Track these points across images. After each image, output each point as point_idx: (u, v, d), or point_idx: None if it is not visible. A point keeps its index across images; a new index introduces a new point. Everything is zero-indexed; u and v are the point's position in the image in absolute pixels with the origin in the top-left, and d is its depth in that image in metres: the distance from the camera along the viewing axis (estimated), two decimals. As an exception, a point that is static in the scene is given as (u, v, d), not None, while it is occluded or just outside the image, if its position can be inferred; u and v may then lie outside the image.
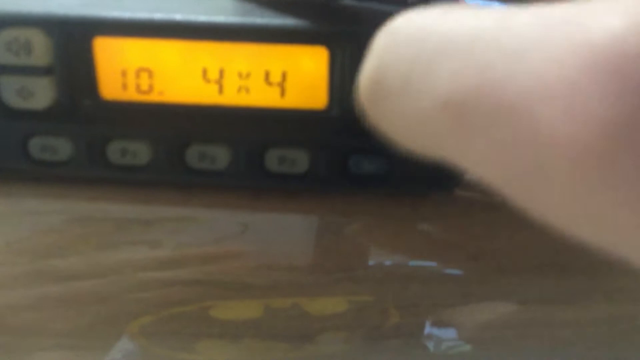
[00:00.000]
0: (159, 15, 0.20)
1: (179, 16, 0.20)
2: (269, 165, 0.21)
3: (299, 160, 0.21)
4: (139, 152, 0.21)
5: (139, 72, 0.20)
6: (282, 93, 0.20)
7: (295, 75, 0.20)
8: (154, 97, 0.21)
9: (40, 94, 0.20)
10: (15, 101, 0.20)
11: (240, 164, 0.21)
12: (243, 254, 0.22)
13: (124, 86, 0.20)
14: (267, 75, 0.20)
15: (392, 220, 0.22)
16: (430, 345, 0.23)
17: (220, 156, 0.21)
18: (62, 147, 0.21)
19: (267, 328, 0.22)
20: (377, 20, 0.12)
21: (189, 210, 0.23)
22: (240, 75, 0.20)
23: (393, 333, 0.23)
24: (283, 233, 0.23)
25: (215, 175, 0.21)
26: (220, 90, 0.20)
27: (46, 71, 0.20)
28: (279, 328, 0.22)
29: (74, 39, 0.20)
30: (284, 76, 0.20)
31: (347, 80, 0.20)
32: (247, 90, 0.20)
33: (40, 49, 0.20)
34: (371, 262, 0.22)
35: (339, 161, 0.21)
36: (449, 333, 0.23)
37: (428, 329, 0.23)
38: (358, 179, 0.21)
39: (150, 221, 0.23)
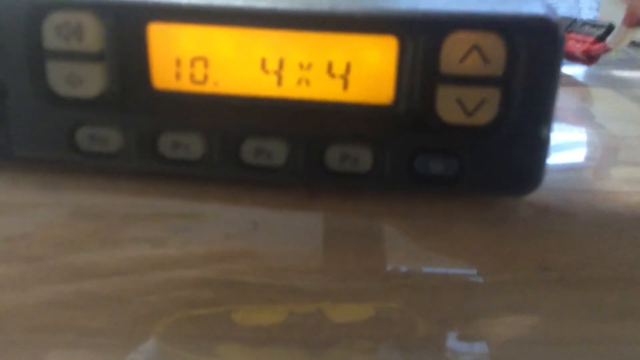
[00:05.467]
0: (217, 1, 0.18)
1: (239, 2, 0.18)
2: (330, 162, 0.20)
3: (362, 159, 0.20)
4: (192, 145, 0.20)
5: (194, 61, 0.19)
6: (345, 86, 0.19)
7: (360, 67, 0.19)
8: (209, 88, 0.19)
9: (90, 82, 0.19)
10: (64, 88, 0.20)
11: (299, 161, 0.20)
12: (280, 254, 0.21)
13: (178, 75, 0.19)
14: (329, 66, 0.19)
15: (456, 224, 0.21)
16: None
17: (277, 152, 0.20)
18: (111, 138, 0.20)
19: (290, 333, 0.21)
20: None
21: (227, 207, 0.22)
22: (301, 66, 0.19)
23: (435, 345, 0.21)
24: (335, 235, 0.21)
25: (271, 171, 0.20)
26: (279, 82, 0.19)
27: (97, 57, 0.19)
28: (303, 334, 0.21)
29: (128, 24, 0.19)
30: (347, 68, 0.19)
31: (417, 74, 0.19)
32: (308, 82, 0.19)
33: (92, 33, 0.19)
34: (430, 270, 0.21)
35: (405, 160, 0.20)
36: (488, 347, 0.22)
37: (487, 342, 0.22)
38: (425, 180, 0.20)
39: (189, 214, 0.21)
